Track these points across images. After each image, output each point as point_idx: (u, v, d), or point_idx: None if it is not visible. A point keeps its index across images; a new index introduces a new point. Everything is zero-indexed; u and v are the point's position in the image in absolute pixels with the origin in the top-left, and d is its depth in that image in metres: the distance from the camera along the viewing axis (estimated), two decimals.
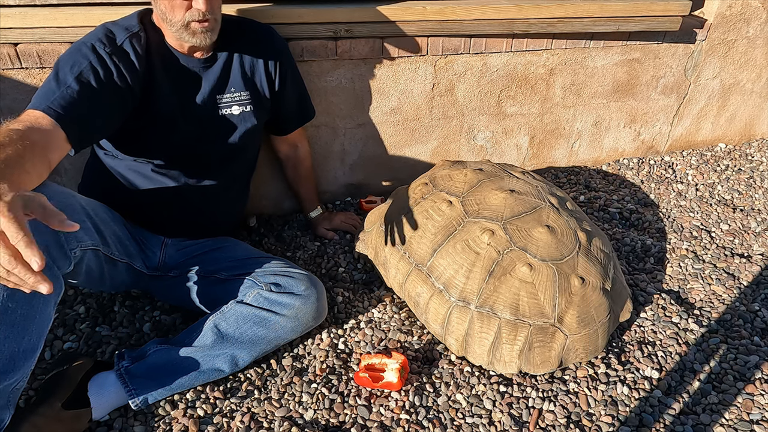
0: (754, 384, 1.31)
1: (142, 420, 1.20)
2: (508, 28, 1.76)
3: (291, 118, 1.61)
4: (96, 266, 1.20)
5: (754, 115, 2.46)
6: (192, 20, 1.20)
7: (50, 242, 1.00)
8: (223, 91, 1.38)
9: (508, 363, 1.30)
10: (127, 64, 1.20)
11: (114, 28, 1.23)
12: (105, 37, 1.20)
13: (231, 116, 1.40)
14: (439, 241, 1.40)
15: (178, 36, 1.24)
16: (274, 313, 1.28)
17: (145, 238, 1.40)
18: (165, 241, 1.43)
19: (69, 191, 1.11)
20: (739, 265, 1.72)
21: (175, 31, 1.23)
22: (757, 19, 2.15)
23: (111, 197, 1.33)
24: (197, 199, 1.43)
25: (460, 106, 1.93)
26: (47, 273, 1.00)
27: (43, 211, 0.76)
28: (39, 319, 0.99)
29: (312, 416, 1.22)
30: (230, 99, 1.39)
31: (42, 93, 1.09)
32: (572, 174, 2.22)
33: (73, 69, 1.13)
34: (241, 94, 1.40)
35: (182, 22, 1.20)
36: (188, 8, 1.19)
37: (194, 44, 1.26)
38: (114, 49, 1.19)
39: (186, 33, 1.22)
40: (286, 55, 1.48)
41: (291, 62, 1.51)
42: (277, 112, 1.53)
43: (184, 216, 1.43)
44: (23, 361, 0.98)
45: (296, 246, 1.78)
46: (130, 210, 1.37)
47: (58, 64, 1.14)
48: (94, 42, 1.18)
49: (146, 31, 1.26)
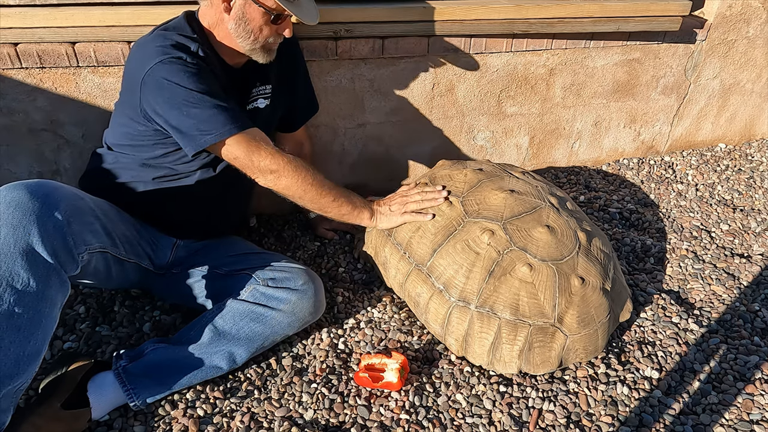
0: (754, 384, 1.31)
1: (142, 420, 1.20)
2: (508, 28, 1.76)
3: (302, 110, 1.64)
4: (103, 267, 1.20)
5: (754, 115, 2.46)
6: (273, 43, 1.28)
7: (59, 246, 1.00)
8: (253, 85, 1.40)
9: (508, 363, 1.30)
10: (206, 66, 1.23)
11: (175, 36, 1.21)
12: (178, 45, 1.19)
13: (257, 110, 1.43)
14: (439, 241, 1.40)
15: (250, 53, 1.28)
16: (271, 308, 1.27)
17: (156, 239, 1.39)
18: (177, 242, 1.43)
19: (80, 193, 1.11)
20: (739, 265, 1.72)
21: (250, 48, 1.27)
22: (757, 19, 2.15)
23: (124, 197, 1.32)
24: (214, 197, 1.43)
25: (460, 106, 1.93)
26: (55, 277, 1.00)
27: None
28: (45, 323, 0.99)
29: (312, 416, 1.22)
30: (257, 93, 1.42)
31: (229, 118, 1.17)
32: (572, 174, 2.22)
33: (201, 86, 1.16)
34: (266, 88, 1.43)
35: (264, 43, 1.26)
36: (274, 33, 1.25)
37: (261, 61, 1.31)
38: (194, 58, 1.20)
39: (262, 52, 1.28)
40: (298, 48, 1.54)
41: (302, 55, 1.56)
42: (291, 104, 1.57)
43: (199, 217, 1.43)
44: (27, 365, 0.98)
45: (296, 246, 1.78)
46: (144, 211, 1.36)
47: (179, 88, 1.14)
48: (179, 54, 1.16)
49: (200, 37, 1.26)
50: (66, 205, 1.02)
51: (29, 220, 0.95)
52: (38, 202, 0.96)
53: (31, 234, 0.95)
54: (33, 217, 0.95)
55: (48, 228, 0.97)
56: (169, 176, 1.33)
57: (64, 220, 1.00)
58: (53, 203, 0.99)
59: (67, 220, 1.01)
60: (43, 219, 0.97)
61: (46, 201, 0.98)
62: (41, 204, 0.97)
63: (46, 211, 0.98)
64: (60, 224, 1.00)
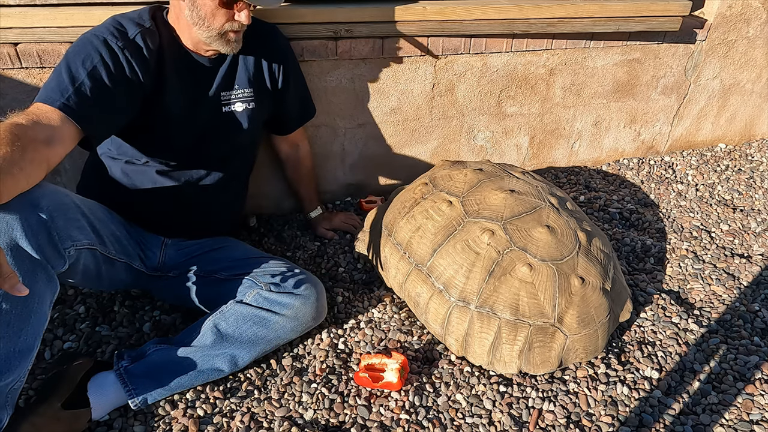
0: (754, 384, 1.31)
1: (142, 420, 1.20)
2: (508, 28, 1.76)
3: (293, 116, 1.62)
4: (93, 265, 1.19)
5: (754, 116, 2.46)
6: (230, 30, 1.23)
7: (43, 242, 0.99)
8: (229, 89, 1.38)
9: (508, 363, 1.30)
10: (140, 58, 1.19)
11: (124, 21, 1.22)
12: (116, 30, 1.18)
13: (235, 113, 1.40)
14: (439, 241, 1.40)
15: (209, 42, 1.25)
16: (274, 312, 1.28)
17: (144, 239, 1.39)
18: (165, 241, 1.43)
19: (63, 190, 1.10)
20: (739, 265, 1.71)
21: (207, 36, 1.23)
22: (757, 20, 2.15)
23: (110, 197, 1.33)
24: (197, 197, 1.43)
25: (460, 106, 1.93)
26: (42, 272, 0.99)
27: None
28: (34, 318, 0.98)
29: (312, 416, 1.22)
30: (235, 96, 1.39)
31: (53, 87, 1.07)
32: (572, 174, 2.22)
33: (86, 63, 1.11)
34: (245, 92, 1.40)
35: (220, 31, 1.22)
36: (230, 19, 1.21)
37: (224, 51, 1.28)
38: (126, 43, 1.18)
39: (220, 41, 1.24)
40: (289, 53, 1.49)
41: (294, 61, 1.52)
42: (279, 110, 1.54)
43: (182, 215, 1.43)
44: (19, 361, 0.97)
45: (296, 246, 1.78)
46: (129, 210, 1.36)
47: (67, 57, 1.13)
48: (106, 35, 1.16)
49: (158, 27, 1.25)
50: (48, 201, 1.01)
51: (11, 215, 0.94)
52: (19, 198, 0.96)
53: (14, 229, 0.94)
54: (15, 214, 0.94)
55: (31, 223, 0.96)
56: (131, 165, 1.34)
57: (47, 215, 0.99)
58: (34, 199, 0.98)
59: (50, 215, 1.00)
60: (25, 214, 0.96)
61: (27, 197, 0.97)
62: (22, 200, 0.96)
63: (28, 207, 0.97)
64: (43, 219, 0.99)
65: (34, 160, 0.95)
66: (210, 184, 1.43)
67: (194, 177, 1.40)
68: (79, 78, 1.09)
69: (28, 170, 0.94)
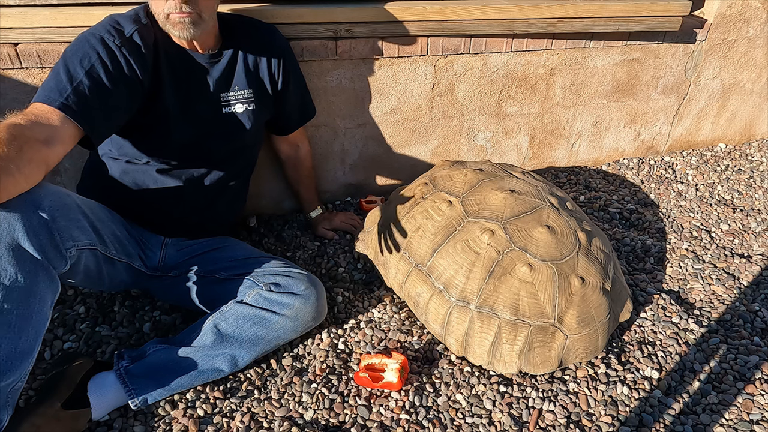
0: (754, 384, 1.31)
1: (142, 420, 1.20)
2: (508, 28, 1.76)
3: (293, 117, 1.62)
4: (94, 266, 1.19)
5: (754, 115, 2.46)
6: (171, 12, 1.18)
7: (45, 242, 0.99)
8: (228, 89, 1.38)
9: (508, 363, 1.30)
10: (137, 56, 1.19)
11: (121, 19, 1.21)
12: (113, 28, 1.18)
13: (234, 114, 1.40)
14: (439, 241, 1.40)
15: (165, 28, 1.23)
16: (274, 312, 1.28)
17: (144, 238, 1.39)
18: (165, 241, 1.43)
19: (64, 191, 1.10)
20: (739, 265, 1.71)
21: (162, 23, 1.22)
22: (757, 19, 2.15)
23: (110, 197, 1.32)
24: (197, 198, 1.43)
25: (460, 106, 1.93)
26: (43, 273, 0.99)
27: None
28: (36, 319, 0.98)
29: (312, 416, 1.22)
30: (234, 97, 1.39)
31: (52, 87, 1.07)
32: (572, 174, 2.22)
33: (84, 62, 1.11)
34: (244, 92, 1.40)
35: (164, 15, 1.19)
36: (166, 0, 1.18)
37: (178, 36, 1.24)
38: (123, 41, 1.17)
39: (168, 25, 1.21)
40: (288, 54, 1.49)
41: (293, 61, 1.52)
42: (279, 111, 1.53)
43: (183, 215, 1.43)
44: (20, 362, 0.97)
45: (296, 246, 1.78)
46: (129, 210, 1.36)
47: (65, 56, 1.12)
48: (103, 34, 1.16)
49: (153, 25, 1.25)
50: (50, 201, 1.01)
51: (12, 216, 0.94)
52: (20, 198, 0.96)
53: (16, 229, 0.94)
54: (16, 213, 0.94)
55: (33, 223, 0.96)
56: (131, 165, 1.34)
57: (48, 215, 0.99)
58: (36, 199, 0.98)
59: (52, 216, 1.00)
60: (28, 214, 0.96)
61: (29, 197, 0.97)
62: (23, 200, 0.96)
63: (30, 207, 0.97)
64: (44, 219, 0.99)
65: (33, 159, 0.95)
66: (211, 183, 1.43)
67: (195, 176, 1.40)
68: (77, 77, 1.09)
69: (27, 170, 0.94)
